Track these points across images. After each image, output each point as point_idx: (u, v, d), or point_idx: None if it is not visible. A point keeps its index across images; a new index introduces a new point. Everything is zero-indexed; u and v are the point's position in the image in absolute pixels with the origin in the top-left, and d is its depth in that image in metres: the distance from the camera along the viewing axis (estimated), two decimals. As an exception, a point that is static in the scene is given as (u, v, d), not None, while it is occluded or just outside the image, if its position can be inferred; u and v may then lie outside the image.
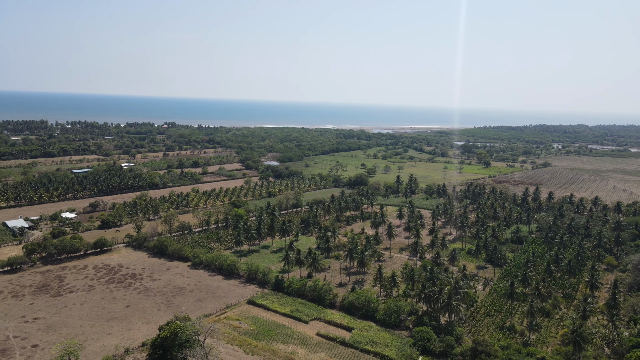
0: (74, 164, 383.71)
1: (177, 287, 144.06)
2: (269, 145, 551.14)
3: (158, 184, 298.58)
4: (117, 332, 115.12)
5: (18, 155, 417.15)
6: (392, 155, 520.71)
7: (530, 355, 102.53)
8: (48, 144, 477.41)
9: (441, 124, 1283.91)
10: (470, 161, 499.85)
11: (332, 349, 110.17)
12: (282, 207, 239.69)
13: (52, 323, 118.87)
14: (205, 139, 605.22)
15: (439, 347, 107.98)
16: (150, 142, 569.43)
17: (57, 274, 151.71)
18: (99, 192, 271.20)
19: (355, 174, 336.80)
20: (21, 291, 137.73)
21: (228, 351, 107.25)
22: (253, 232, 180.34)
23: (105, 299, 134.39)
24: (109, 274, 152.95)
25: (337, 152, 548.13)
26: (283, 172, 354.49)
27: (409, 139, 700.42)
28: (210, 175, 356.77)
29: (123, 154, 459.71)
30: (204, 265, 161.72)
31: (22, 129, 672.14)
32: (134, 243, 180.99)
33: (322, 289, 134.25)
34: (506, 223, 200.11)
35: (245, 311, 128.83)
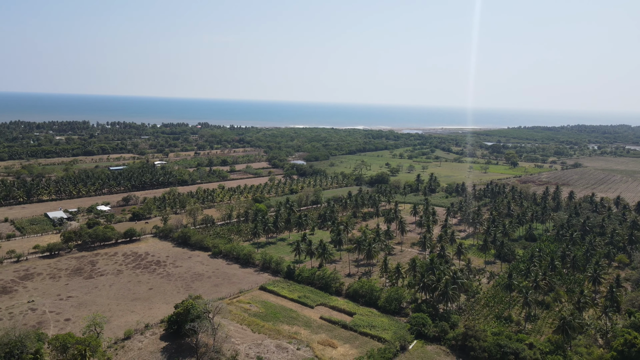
0: (111, 162, 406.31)
1: (196, 274, 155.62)
2: (296, 145, 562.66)
3: (187, 181, 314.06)
4: (139, 311, 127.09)
5: (61, 153, 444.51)
6: (419, 156, 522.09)
7: (519, 341, 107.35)
8: (88, 143, 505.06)
9: (473, 125, 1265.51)
10: (497, 161, 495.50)
11: (333, 331, 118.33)
12: (301, 203, 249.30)
13: (84, 301, 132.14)
14: (236, 138, 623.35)
15: (433, 331, 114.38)
16: (183, 141, 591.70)
17: (90, 260, 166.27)
18: (132, 188, 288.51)
19: (377, 173, 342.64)
20: (58, 273, 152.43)
21: (237, 329, 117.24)
22: (270, 225, 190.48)
23: (131, 282, 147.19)
24: (136, 261, 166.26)
25: (364, 152, 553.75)
26: (307, 171, 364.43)
27: (437, 140, 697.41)
28: (237, 173, 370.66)
29: (157, 153, 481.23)
30: (223, 254, 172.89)
31: (66, 129, 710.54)
32: (161, 234, 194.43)
33: (329, 278, 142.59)
34: (519, 221, 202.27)
35: (257, 296, 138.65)
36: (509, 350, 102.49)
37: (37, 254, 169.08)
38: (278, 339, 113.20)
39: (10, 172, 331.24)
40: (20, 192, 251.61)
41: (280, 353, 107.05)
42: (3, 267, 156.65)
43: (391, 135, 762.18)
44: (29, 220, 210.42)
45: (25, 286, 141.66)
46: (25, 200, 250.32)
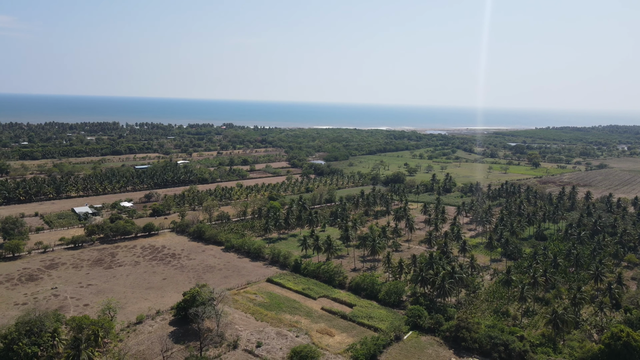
0: (137, 161, 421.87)
1: (208, 266, 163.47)
2: (317, 145, 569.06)
3: (207, 179, 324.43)
4: (152, 298, 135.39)
5: (91, 152, 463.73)
6: (439, 156, 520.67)
7: (511, 334, 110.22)
8: (117, 143, 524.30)
9: (499, 126, 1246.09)
10: (519, 162, 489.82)
11: (332, 321, 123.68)
12: (315, 202, 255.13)
13: (102, 289, 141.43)
14: (259, 139, 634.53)
15: (428, 323, 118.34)
16: (207, 141, 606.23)
17: (111, 252, 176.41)
18: (155, 185, 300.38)
19: (393, 173, 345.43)
20: (80, 263, 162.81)
21: (241, 317, 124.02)
22: (281, 221, 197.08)
23: (147, 272, 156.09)
24: (153, 253, 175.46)
25: (384, 152, 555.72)
26: (324, 170, 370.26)
27: (460, 140, 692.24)
28: (256, 172, 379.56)
29: (181, 152, 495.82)
30: (235, 249, 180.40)
31: (97, 129, 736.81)
32: (178, 228, 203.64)
33: (332, 271, 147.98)
34: (528, 220, 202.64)
35: (263, 287, 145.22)
36: (499, 342, 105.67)
37: (62, 245, 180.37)
38: (279, 327, 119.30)
39: (42, 170, 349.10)
40: (50, 189, 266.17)
41: (279, 339, 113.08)
42: (31, 257, 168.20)
43: (413, 135, 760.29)
44: (56, 215, 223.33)
45: (50, 274, 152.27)
46: (55, 197, 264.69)
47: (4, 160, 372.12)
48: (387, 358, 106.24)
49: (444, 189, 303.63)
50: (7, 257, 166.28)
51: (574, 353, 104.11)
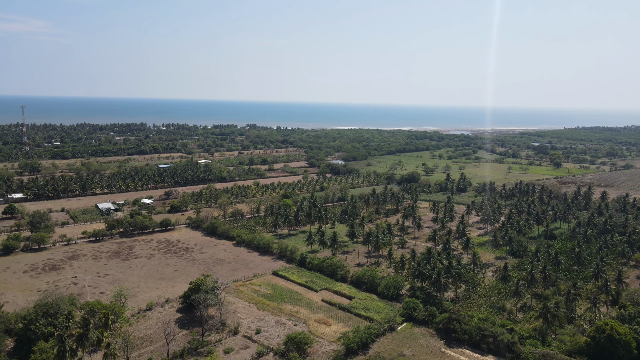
0: (161, 160, 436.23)
1: (218, 259, 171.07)
2: (337, 146, 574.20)
3: (226, 178, 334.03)
4: (163, 288, 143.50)
5: (117, 152, 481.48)
6: (459, 156, 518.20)
7: (502, 326, 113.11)
8: (143, 143, 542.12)
9: (526, 126, 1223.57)
10: (540, 162, 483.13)
11: (331, 312, 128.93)
12: (328, 200, 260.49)
13: (118, 278, 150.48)
14: (280, 139, 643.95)
15: (422, 315, 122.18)
16: (230, 142, 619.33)
17: (128, 245, 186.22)
18: (175, 184, 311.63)
19: (408, 172, 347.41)
20: (99, 255, 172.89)
21: (244, 306, 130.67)
22: (291, 218, 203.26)
23: (160, 264, 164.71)
24: (168, 247, 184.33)
25: (404, 152, 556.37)
26: (341, 170, 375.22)
27: (482, 140, 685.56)
28: (275, 171, 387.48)
29: (203, 152, 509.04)
30: (245, 243, 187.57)
31: (125, 130, 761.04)
32: (193, 224, 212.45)
33: (335, 265, 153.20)
34: (537, 219, 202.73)
35: (268, 280, 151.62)
36: (488, 333, 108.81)
37: (84, 238, 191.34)
38: (279, 316, 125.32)
39: (71, 168, 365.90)
40: (76, 186, 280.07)
41: (278, 327, 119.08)
42: (55, 249, 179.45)
43: (435, 136, 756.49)
44: (81, 210, 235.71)
45: (71, 265, 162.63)
46: (81, 193, 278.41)
47: (37, 160, 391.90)
48: (379, 347, 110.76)
49: (459, 188, 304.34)
50: (34, 248, 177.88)
51: (563, 346, 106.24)
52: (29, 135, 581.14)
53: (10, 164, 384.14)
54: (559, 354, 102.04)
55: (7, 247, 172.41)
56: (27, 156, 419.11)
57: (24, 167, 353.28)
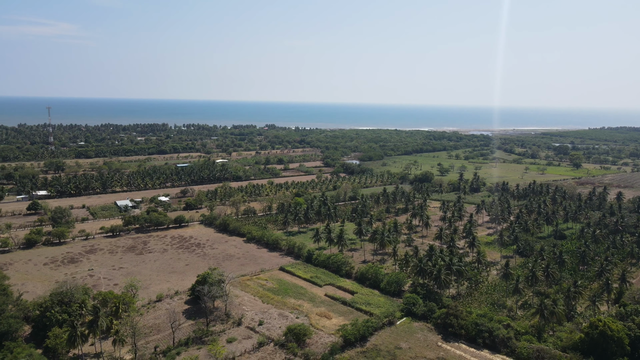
0: (180, 160, 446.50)
1: (228, 254, 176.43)
2: (354, 146, 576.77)
3: (241, 177, 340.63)
4: (174, 281, 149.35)
5: (139, 152, 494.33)
6: (476, 157, 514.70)
7: (499, 322, 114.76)
8: (163, 143, 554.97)
9: (550, 126, 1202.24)
10: (559, 163, 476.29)
11: (333, 306, 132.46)
12: (340, 199, 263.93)
13: (131, 271, 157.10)
14: (297, 139, 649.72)
15: (421, 310, 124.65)
16: (248, 142, 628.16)
17: (143, 240, 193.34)
18: (191, 182, 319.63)
19: (422, 172, 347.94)
20: (115, 249, 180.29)
21: (249, 299, 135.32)
22: (301, 215, 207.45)
23: (173, 259, 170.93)
24: (181, 242, 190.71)
25: (421, 152, 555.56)
26: (355, 169, 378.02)
27: (501, 141, 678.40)
28: (290, 170, 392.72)
29: (222, 152, 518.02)
30: (255, 240, 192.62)
31: (147, 130, 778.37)
32: (206, 221, 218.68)
33: (340, 261, 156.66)
34: (547, 219, 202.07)
35: (275, 275, 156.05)
36: (484, 329, 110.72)
37: (102, 234, 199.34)
38: (282, 309, 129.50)
39: (94, 167, 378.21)
40: (97, 184, 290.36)
41: (280, 319, 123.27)
42: (74, 243, 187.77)
43: (454, 136, 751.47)
44: (100, 207, 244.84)
45: (88, 258, 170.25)
46: (101, 191, 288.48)
47: (61, 159, 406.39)
48: (376, 339, 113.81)
49: (472, 188, 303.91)
50: (54, 242, 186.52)
51: (559, 342, 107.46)
52: (56, 135, 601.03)
53: (37, 162, 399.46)
54: (552, 349, 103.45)
55: (30, 240, 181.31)
56: (52, 155, 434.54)
57: (49, 166, 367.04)
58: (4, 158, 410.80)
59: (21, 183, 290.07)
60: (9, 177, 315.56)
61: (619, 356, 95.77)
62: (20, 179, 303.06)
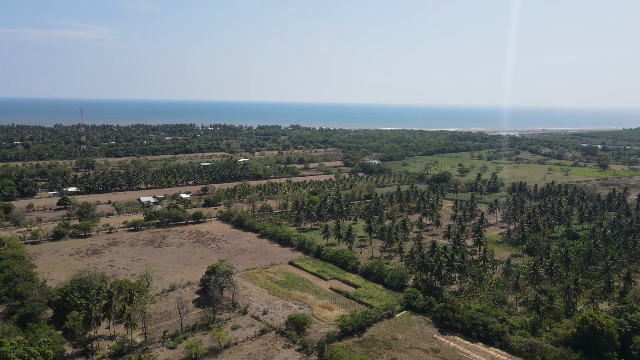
0: (203, 159, 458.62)
1: (241, 249, 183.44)
2: (376, 146, 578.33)
3: (261, 175, 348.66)
4: (187, 272, 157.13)
5: (165, 151, 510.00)
6: (499, 157, 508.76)
7: (496, 317, 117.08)
8: (189, 142, 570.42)
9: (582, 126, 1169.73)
10: (585, 164, 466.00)
11: (336, 299, 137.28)
12: (355, 197, 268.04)
13: (149, 263, 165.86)
14: (320, 139, 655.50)
15: (420, 304, 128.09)
16: (272, 142, 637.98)
17: (162, 234, 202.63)
18: (213, 180, 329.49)
19: (439, 172, 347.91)
20: (136, 242, 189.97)
21: (257, 290, 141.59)
22: (313, 212, 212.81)
23: (188, 252, 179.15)
24: (198, 237, 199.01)
25: (443, 153, 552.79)
26: (374, 169, 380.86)
27: (528, 141, 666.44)
28: (309, 170, 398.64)
29: (245, 152, 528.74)
30: (269, 235, 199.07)
31: (175, 131, 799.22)
32: (223, 217, 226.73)
33: (346, 256, 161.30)
34: (560, 219, 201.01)
35: (283, 268, 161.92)
36: (479, 322, 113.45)
37: (124, 228, 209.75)
38: (287, 301, 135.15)
39: (122, 166, 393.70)
40: (123, 181, 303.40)
41: (284, 310, 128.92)
42: (99, 236, 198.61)
43: (479, 137, 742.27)
44: (125, 203, 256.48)
45: (110, 250, 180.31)
46: (127, 188, 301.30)
47: (92, 157, 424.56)
48: (374, 330, 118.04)
49: (490, 188, 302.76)
50: (80, 235, 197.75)
51: (553, 337, 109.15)
52: (88, 135, 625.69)
53: (69, 161, 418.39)
54: (545, 343, 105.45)
55: (58, 233, 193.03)
56: (84, 154, 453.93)
57: (80, 164, 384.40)
58: (39, 156, 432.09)
59: (53, 180, 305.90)
60: (42, 174, 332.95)
61: (609, 351, 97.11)
62: (52, 176, 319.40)
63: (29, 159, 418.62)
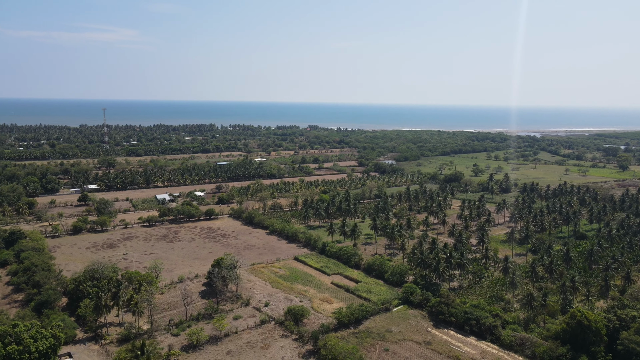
0: (220, 158, 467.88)
1: (249, 245, 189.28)
2: (392, 146, 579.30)
3: (275, 175, 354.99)
4: (196, 266, 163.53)
5: (184, 150, 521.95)
6: (517, 158, 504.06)
7: (490, 312, 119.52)
8: (207, 142, 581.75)
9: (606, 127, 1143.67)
10: (604, 165, 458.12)
11: (336, 293, 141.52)
12: (365, 196, 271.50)
13: (160, 256, 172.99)
14: (337, 139, 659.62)
15: (417, 299, 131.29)
16: (289, 142, 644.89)
17: (175, 230, 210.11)
18: (227, 179, 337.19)
19: (452, 172, 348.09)
20: (149, 237, 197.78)
21: (261, 284, 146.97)
22: (321, 210, 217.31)
23: (198, 247, 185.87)
24: (208, 233, 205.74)
25: (460, 153, 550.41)
26: (387, 169, 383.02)
27: (548, 142, 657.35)
28: (323, 169, 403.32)
29: (262, 152, 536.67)
30: (277, 232, 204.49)
31: (195, 131, 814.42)
32: (234, 214, 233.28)
33: (349, 253, 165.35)
34: (567, 218, 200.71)
35: (288, 264, 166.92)
36: (472, 317, 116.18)
37: (140, 223, 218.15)
38: (289, 294, 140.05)
39: (141, 164, 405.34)
40: (141, 179, 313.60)
41: (285, 302, 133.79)
42: (115, 231, 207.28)
43: (498, 137, 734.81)
44: (142, 200, 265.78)
45: (125, 244, 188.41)
46: (145, 186, 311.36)
47: (114, 156, 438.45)
48: (370, 323, 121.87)
49: (502, 189, 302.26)
50: (97, 229, 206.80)
51: (545, 332, 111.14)
52: (111, 135, 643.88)
53: (92, 159, 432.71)
54: (535, 338, 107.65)
55: (76, 227, 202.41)
56: (106, 153, 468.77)
57: (102, 163, 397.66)
58: (63, 155, 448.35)
59: (75, 177, 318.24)
60: (65, 172, 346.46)
61: (596, 345, 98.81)
62: (74, 174, 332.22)
63: (54, 158, 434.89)
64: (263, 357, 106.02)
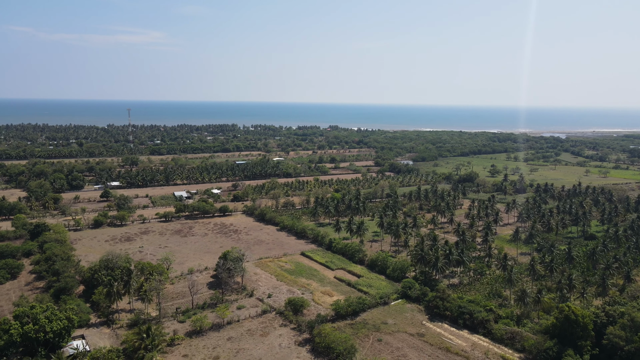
0: (240, 158, 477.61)
1: (259, 240, 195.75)
2: (410, 147, 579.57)
3: (291, 174, 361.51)
4: (206, 259, 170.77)
5: (205, 150, 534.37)
6: (537, 159, 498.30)
7: (484, 307, 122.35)
8: (228, 142, 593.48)
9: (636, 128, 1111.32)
10: (627, 166, 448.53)
11: (338, 286, 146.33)
12: (376, 195, 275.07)
13: (173, 250, 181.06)
14: (356, 140, 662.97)
15: (415, 293, 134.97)
16: (309, 142, 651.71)
17: (190, 225, 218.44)
18: (244, 177, 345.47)
19: (466, 173, 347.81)
20: (164, 232, 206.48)
21: (266, 277, 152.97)
22: (331, 208, 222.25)
23: (210, 241, 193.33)
24: (221, 228, 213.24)
25: (479, 154, 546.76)
26: (402, 169, 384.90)
27: (571, 143, 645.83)
28: (339, 169, 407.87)
29: (280, 151, 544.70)
30: (287, 229, 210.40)
31: (217, 131, 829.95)
32: (247, 211, 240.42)
33: (354, 249, 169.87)
34: (575, 219, 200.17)
35: (295, 258, 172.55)
36: (466, 311, 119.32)
37: (157, 219, 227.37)
38: (292, 286, 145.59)
39: (163, 163, 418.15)
40: (161, 177, 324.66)
41: (287, 294, 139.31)
42: (133, 225, 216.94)
43: (520, 138, 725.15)
44: (160, 197, 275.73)
45: (141, 238, 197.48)
46: (164, 183, 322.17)
47: (137, 155, 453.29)
48: (367, 315, 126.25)
49: (516, 189, 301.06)
50: (116, 224, 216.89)
51: (536, 327, 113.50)
52: (136, 135, 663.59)
53: (116, 158, 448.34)
54: (525, 332, 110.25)
55: (97, 222, 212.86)
56: (130, 152, 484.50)
57: (126, 161, 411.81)
58: (90, 154, 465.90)
59: (99, 175, 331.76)
60: (90, 169, 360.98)
61: (583, 340, 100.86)
62: (99, 171, 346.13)
63: (81, 156, 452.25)
64: (261, 343, 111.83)
